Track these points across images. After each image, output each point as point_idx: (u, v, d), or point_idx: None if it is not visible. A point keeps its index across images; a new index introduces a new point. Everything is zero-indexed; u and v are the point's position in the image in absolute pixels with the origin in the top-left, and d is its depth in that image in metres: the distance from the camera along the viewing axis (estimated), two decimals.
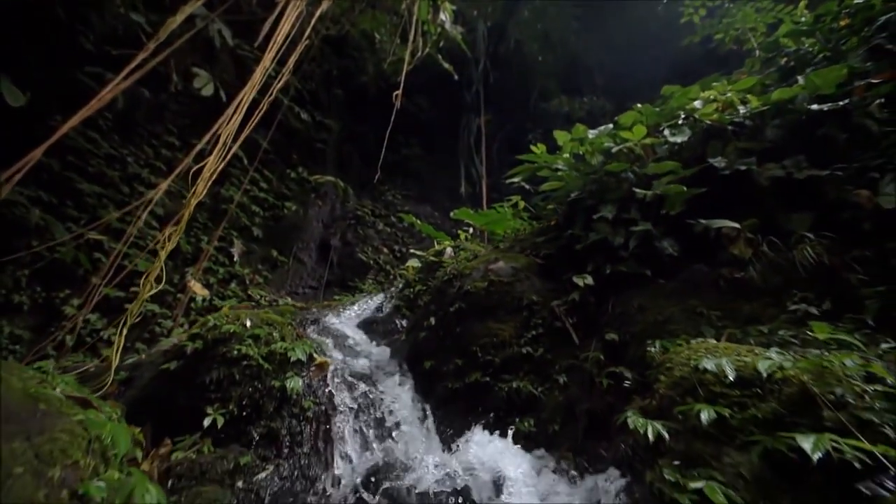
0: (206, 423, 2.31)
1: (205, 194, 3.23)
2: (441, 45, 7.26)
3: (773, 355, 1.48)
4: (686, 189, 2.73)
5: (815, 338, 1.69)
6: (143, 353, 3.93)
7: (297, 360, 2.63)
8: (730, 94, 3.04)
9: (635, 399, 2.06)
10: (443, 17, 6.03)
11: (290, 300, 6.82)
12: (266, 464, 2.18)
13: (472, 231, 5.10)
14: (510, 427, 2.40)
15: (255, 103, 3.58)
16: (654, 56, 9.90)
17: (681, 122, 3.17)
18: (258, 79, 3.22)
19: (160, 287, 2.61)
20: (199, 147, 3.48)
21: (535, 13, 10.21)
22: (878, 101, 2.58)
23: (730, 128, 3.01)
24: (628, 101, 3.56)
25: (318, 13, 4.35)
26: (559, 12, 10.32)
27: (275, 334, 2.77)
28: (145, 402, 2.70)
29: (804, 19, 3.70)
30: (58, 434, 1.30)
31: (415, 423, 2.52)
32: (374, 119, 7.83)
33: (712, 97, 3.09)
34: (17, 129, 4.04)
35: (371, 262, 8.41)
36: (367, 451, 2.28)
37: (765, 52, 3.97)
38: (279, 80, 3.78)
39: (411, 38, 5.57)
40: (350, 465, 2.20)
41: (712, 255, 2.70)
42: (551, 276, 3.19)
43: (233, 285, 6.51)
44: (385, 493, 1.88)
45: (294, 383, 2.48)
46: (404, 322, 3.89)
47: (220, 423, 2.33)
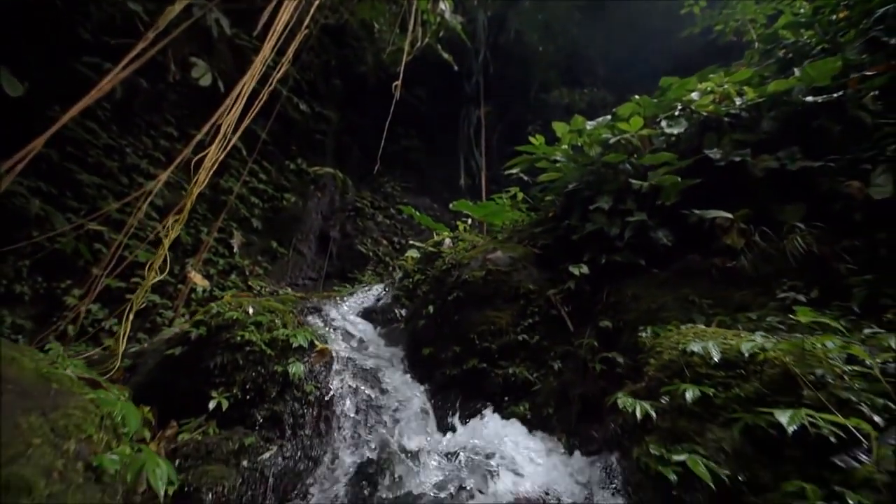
0: (212, 405, 2.38)
1: (204, 185, 3.26)
2: (441, 34, 7.20)
3: (758, 338, 1.54)
4: (681, 180, 2.77)
5: (800, 323, 1.75)
6: (146, 342, 3.99)
7: (298, 347, 2.69)
8: (727, 86, 3.06)
9: (627, 384, 2.13)
10: (442, 6, 5.97)
11: (290, 291, 6.88)
12: (270, 445, 2.26)
13: (470, 222, 5.14)
14: (506, 411, 2.48)
15: (254, 93, 3.58)
16: (655, 47, 9.82)
17: (677, 113, 3.20)
18: (258, 69, 3.23)
19: (164, 275, 2.65)
20: (198, 138, 3.49)
21: (535, 3, 10.09)
22: (872, 94, 2.61)
23: (726, 119, 3.03)
24: (629, 93, 3.56)
25: (317, 2, 4.32)
26: (560, 2, 10.20)
27: (276, 321, 2.83)
28: (150, 386, 2.77)
29: (803, 11, 3.70)
30: (71, 410, 1.36)
31: (413, 407, 2.60)
32: (373, 110, 7.80)
33: (709, 89, 3.11)
34: (15, 120, 4.03)
35: (370, 253, 8.46)
36: (369, 434, 2.35)
37: (764, 43, 3.97)
38: (278, 70, 3.78)
39: (411, 27, 5.53)
40: (351, 447, 2.28)
41: (706, 245, 2.75)
42: (548, 266, 3.24)
43: (233, 276, 6.56)
44: (384, 472, 1.96)
45: (296, 368, 2.55)
46: (403, 311, 3.95)
47: (225, 406, 2.40)
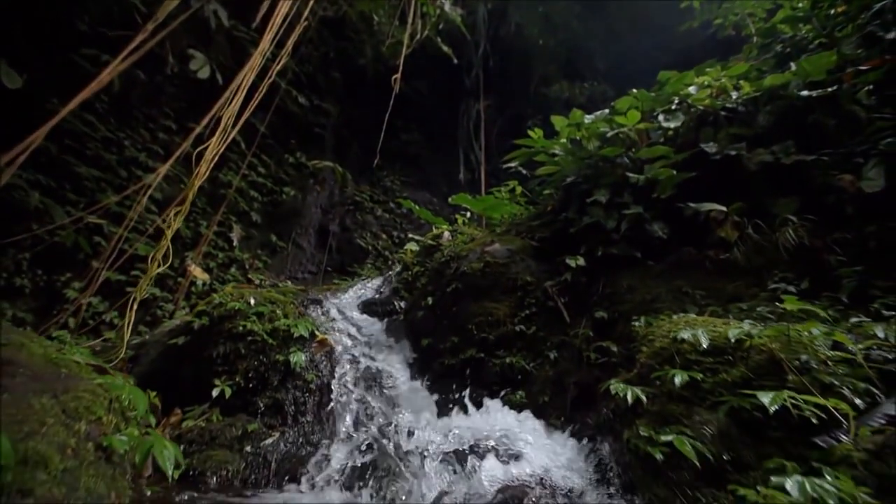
0: (215, 393, 2.43)
1: (204, 178, 3.28)
2: (440, 27, 7.16)
3: (745, 325, 1.59)
4: (676, 173, 2.80)
5: (789, 312, 1.80)
6: (146, 334, 4.03)
7: (299, 337, 2.74)
8: (723, 80, 3.08)
9: (621, 372, 2.18)
10: None
11: (289, 284, 6.91)
12: (272, 431, 2.31)
13: (469, 215, 5.17)
14: (503, 398, 2.53)
15: (252, 86, 3.58)
16: (656, 42, 9.78)
17: (674, 107, 3.22)
18: (257, 61, 3.23)
19: (166, 266, 2.69)
20: (197, 131, 3.49)
21: None
22: (866, 88, 2.63)
23: (723, 113, 3.06)
24: (630, 87, 3.54)
25: None
26: None
27: (278, 312, 2.88)
28: (153, 375, 2.81)
29: (801, 5, 3.70)
30: (81, 393, 1.40)
31: (412, 395, 2.66)
32: (372, 103, 7.77)
33: (706, 83, 3.13)
34: (12, 112, 4.02)
35: (370, 247, 8.48)
36: (368, 420, 2.41)
37: (762, 37, 3.98)
38: (278, 62, 3.78)
39: (410, 19, 5.51)
40: (352, 432, 2.33)
41: (701, 238, 2.79)
42: (545, 259, 3.28)
43: (233, 270, 6.59)
44: (385, 454, 2.02)
45: (297, 358, 2.60)
46: (402, 303, 4.00)
47: (228, 393, 2.46)
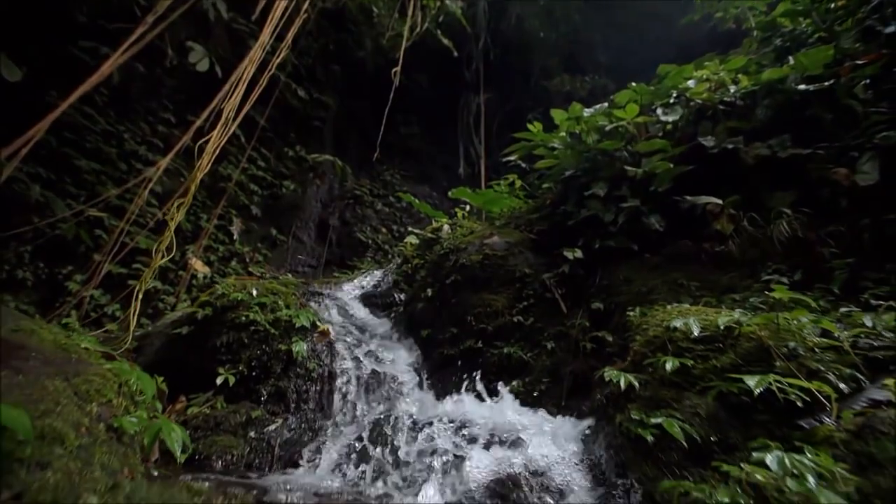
0: (219, 381, 2.49)
1: (205, 171, 3.30)
2: (440, 19, 7.12)
3: (735, 314, 1.64)
4: (673, 166, 2.83)
5: (780, 302, 1.85)
6: (149, 326, 4.08)
7: (301, 327, 2.79)
8: (722, 74, 3.09)
9: (616, 361, 2.24)
10: None
11: (290, 277, 6.96)
12: (275, 418, 2.37)
13: (468, 209, 5.20)
14: (501, 387, 2.59)
15: (252, 79, 3.59)
16: (658, 35, 9.70)
17: (672, 101, 3.23)
18: (258, 54, 3.24)
19: (170, 256, 2.72)
20: (197, 123, 3.51)
21: None
22: (863, 82, 2.65)
23: (721, 107, 3.08)
24: (631, 81, 3.55)
25: None
26: None
27: (280, 302, 2.92)
28: (158, 365, 2.86)
29: None
30: (91, 377, 1.45)
31: (412, 383, 2.71)
32: (372, 97, 7.75)
33: (705, 76, 3.14)
34: (12, 105, 4.02)
35: (369, 241, 8.51)
36: (368, 408, 2.47)
37: (762, 31, 3.98)
38: (277, 55, 3.78)
39: (410, 11, 5.48)
40: (352, 419, 2.39)
41: (697, 231, 2.83)
42: (544, 251, 3.32)
43: (233, 263, 6.62)
44: (381, 440, 2.08)
45: (299, 347, 2.65)
46: (402, 296, 4.04)
47: (232, 381, 2.51)
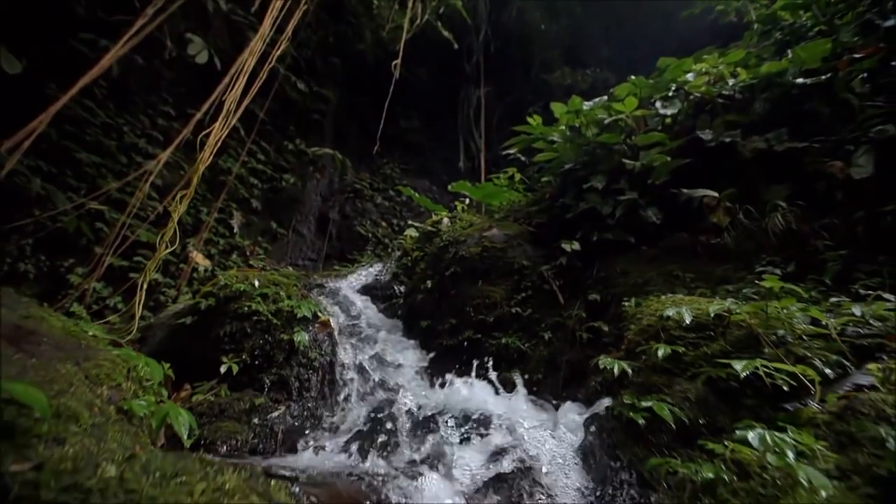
0: (223, 369, 2.54)
1: (207, 164, 3.31)
2: (441, 11, 7.07)
3: (726, 303, 1.68)
4: (671, 159, 2.85)
5: (771, 292, 1.89)
6: (151, 318, 4.13)
7: (302, 317, 2.84)
8: (721, 67, 3.10)
9: (612, 351, 2.29)
10: None
11: (291, 270, 7.00)
12: (278, 405, 2.43)
13: (468, 203, 5.22)
14: (499, 377, 2.64)
15: (252, 72, 3.59)
16: (660, 28, 9.63)
17: (671, 94, 3.25)
18: (258, 45, 3.24)
19: (174, 247, 2.76)
20: (198, 116, 3.52)
21: None
22: (860, 76, 2.66)
23: (719, 100, 3.09)
24: (633, 74, 3.56)
25: None
26: None
27: (281, 293, 2.96)
28: (161, 355, 2.89)
29: None
30: (101, 361, 1.50)
31: (411, 373, 2.77)
32: (372, 90, 7.72)
33: (704, 70, 3.15)
34: (11, 98, 4.02)
35: (369, 235, 8.54)
36: (369, 396, 2.53)
37: (762, 24, 3.97)
38: (278, 47, 3.77)
39: (410, 3, 5.45)
40: (353, 406, 2.45)
41: (694, 224, 2.87)
42: (542, 244, 3.36)
43: (234, 256, 6.65)
44: (384, 426, 2.13)
45: (301, 337, 2.70)
46: (402, 288, 4.09)
47: (235, 370, 2.56)
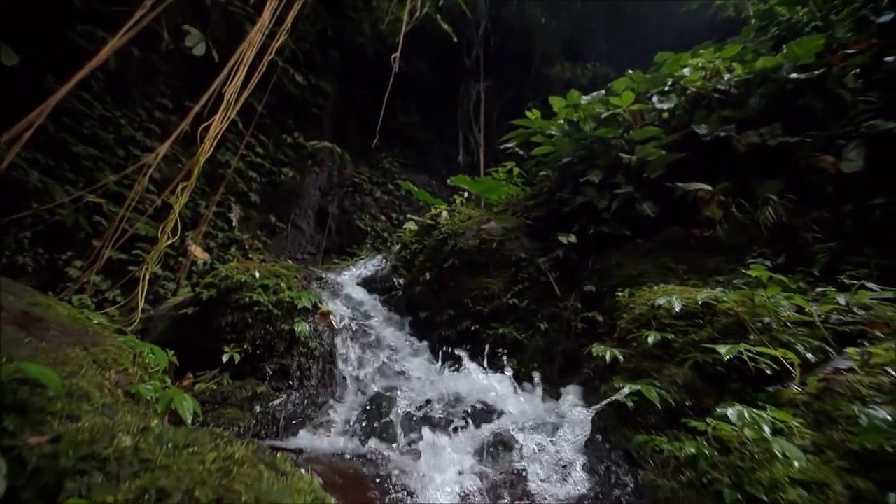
0: (225, 358, 2.59)
1: (206, 156, 3.33)
2: (440, 4, 7.04)
3: (715, 292, 1.73)
4: (666, 154, 2.89)
5: (760, 283, 1.94)
6: (152, 310, 4.16)
7: (303, 308, 2.88)
8: (717, 63, 3.13)
9: (605, 340, 2.34)
10: None
11: (290, 264, 7.03)
12: (280, 393, 2.48)
13: (466, 196, 5.25)
14: (496, 366, 2.70)
15: (251, 65, 3.59)
16: (659, 23, 9.61)
17: (667, 89, 3.27)
18: (257, 37, 3.25)
19: (176, 238, 2.79)
20: (196, 109, 3.52)
21: None
22: (853, 72, 2.70)
23: (715, 95, 3.12)
24: (633, 69, 3.57)
25: None
26: None
27: (282, 284, 3.01)
28: (163, 345, 2.89)
29: None
30: (108, 347, 1.54)
31: (410, 363, 2.82)
32: (371, 83, 7.70)
33: (700, 65, 3.18)
34: (8, 90, 4.00)
35: (369, 229, 8.56)
36: (369, 384, 2.58)
37: (759, 19, 3.99)
38: (277, 39, 3.77)
39: None
40: (353, 395, 2.51)
41: (688, 217, 2.91)
42: (539, 236, 3.41)
43: (233, 250, 6.67)
44: (383, 413, 2.19)
45: (301, 327, 2.74)
46: (401, 280, 4.13)
47: (237, 359, 2.61)
